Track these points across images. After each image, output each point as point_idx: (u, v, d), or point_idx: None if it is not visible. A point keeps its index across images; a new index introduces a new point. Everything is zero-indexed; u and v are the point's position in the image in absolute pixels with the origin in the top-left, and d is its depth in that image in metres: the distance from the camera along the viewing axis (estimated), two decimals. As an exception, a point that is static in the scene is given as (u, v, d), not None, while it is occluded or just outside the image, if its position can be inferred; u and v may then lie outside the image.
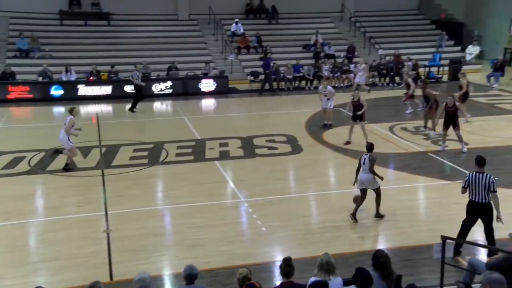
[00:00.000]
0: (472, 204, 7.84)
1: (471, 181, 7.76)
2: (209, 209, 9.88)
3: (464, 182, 7.88)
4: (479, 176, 7.73)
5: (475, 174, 7.78)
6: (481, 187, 7.67)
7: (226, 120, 17.18)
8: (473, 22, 28.00)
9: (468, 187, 7.83)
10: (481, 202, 7.72)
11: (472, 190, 7.77)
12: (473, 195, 7.78)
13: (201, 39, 24.96)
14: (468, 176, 7.85)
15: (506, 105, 18.03)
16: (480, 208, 7.77)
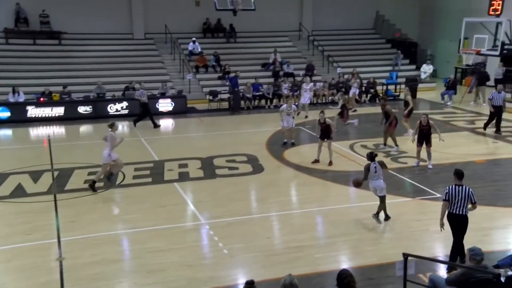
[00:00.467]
0: (452, 216, 7.99)
1: (451, 193, 7.91)
2: (169, 232, 9.60)
3: (445, 195, 8.00)
4: (459, 188, 7.92)
5: (455, 186, 7.96)
6: (461, 199, 7.87)
7: (185, 140, 16.87)
8: (426, 42, 28.92)
9: (448, 200, 7.95)
10: (460, 214, 7.91)
11: (452, 203, 7.93)
12: (453, 208, 7.94)
13: (158, 58, 24.70)
14: (448, 189, 7.98)
15: (460, 122, 18.52)
16: (458, 219, 7.94)
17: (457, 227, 7.99)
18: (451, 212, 7.99)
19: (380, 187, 9.83)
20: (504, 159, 14.03)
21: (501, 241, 9.25)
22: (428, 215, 10.28)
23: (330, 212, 10.58)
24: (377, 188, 9.86)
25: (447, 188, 8.03)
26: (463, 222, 7.99)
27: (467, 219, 8.00)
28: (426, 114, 13.52)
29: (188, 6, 25.79)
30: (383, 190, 9.86)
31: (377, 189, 9.86)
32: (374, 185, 9.89)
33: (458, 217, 7.93)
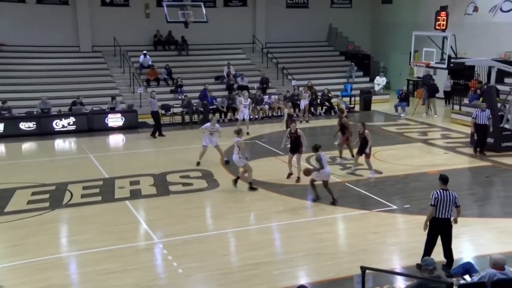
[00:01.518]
0: (437, 222, 8.17)
1: (440, 198, 8.08)
2: (121, 253, 9.21)
3: (433, 200, 8.12)
4: (446, 193, 8.15)
5: (442, 191, 8.16)
6: (448, 203, 8.10)
7: (136, 156, 16.35)
8: (378, 54, 29.56)
9: (436, 205, 8.09)
10: (446, 218, 8.15)
11: (439, 207, 8.10)
12: (439, 212, 8.11)
13: (107, 72, 24.07)
14: (436, 194, 8.14)
15: (414, 133, 18.84)
16: (444, 224, 8.18)
17: (444, 231, 8.22)
18: (438, 217, 8.14)
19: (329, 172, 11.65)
20: (455, 169, 14.29)
21: (453, 250, 9.20)
22: (385, 228, 10.31)
23: (288, 227, 10.43)
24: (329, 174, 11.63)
25: (435, 193, 8.15)
26: (448, 226, 8.23)
27: (451, 223, 8.28)
28: (362, 122, 13.81)
29: (138, 18, 25.42)
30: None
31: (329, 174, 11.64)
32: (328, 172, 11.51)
33: (445, 221, 8.17)
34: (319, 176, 11.53)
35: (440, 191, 8.19)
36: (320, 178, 11.54)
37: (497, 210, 11.47)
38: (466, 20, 23.98)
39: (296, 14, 28.57)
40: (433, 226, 8.24)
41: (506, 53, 21.70)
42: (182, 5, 20.34)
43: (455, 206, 8.22)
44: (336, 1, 29.53)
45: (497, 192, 13.09)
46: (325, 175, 11.49)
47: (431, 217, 8.21)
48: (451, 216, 8.20)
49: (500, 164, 14.71)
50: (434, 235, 8.28)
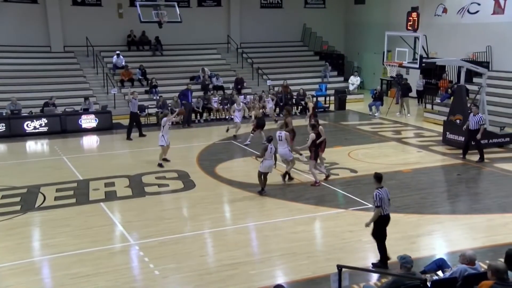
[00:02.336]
0: (386, 218, 8.47)
1: (382, 197, 8.33)
2: (95, 255, 9.08)
3: (379, 200, 8.31)
4: (384, 190, 8.43)
5: (381, 190, 8.40)
6: (387, 200, 8.42)
7: (111, 158, 16.16)
8: (352, 54, 29.86)
9: (381, 205, 8.32)
10: (389, 213, 8.48)
11: (384, 206, 8.35)
12: (384, 210, 8.36)
13: (80, 73, 23.72)
14: (379, 193, 8.35)
15: (388, 132, 19.06)
16: (388, 219, 8.51)
17: (386, 227, 8.50)
18: (385, 215, 8.41)
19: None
20: (428, 167, 14.56)
21: (427, 247, 9.51)
22: (361, 226, 10.31)
23: (264, 227, 10.45)
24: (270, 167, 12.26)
25: (378, 193, 8.34)
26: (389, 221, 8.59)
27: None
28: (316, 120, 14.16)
29: (111, 18, 25.15)
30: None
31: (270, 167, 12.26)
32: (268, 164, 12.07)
33: (388, 217, 8.50)
34: (261, 167, 12.08)
35: (380, 191, 8.38)
36: (262, 169, 12.06)
37: (468, 207, 11.72)
38: (436, 21, 24.43)
39: (270, 14, 28.64)
40: (382, 223, 8.48)
41: (474, 53, 22.21)
42: (155, 5, 20.18)
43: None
44: (309, 1, 29.71)
45: (468, 189, 13.36)
46: (265, 167, 12.03)
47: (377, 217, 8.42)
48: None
49: (471, 161, 15.02)
50: (384, 232, 8.55)
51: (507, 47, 21.18)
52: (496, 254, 8.48)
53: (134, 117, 18.15)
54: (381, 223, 8.47)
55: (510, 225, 10.43)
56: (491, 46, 21.87)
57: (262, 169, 12.07)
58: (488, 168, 14.44)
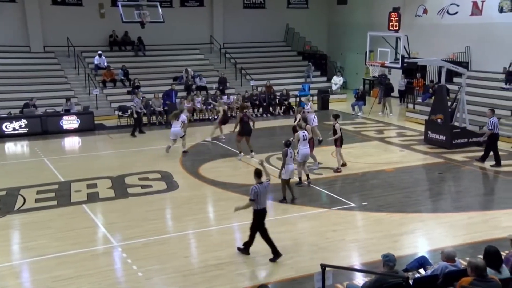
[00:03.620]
0: (263, 212, 8.93)
1: (259, 192, 8.76)
2: (78, 258, 9.01)
3: (254, 195, 8.73)
4: (263, 186, 8.86)
5: (259, 185, 8.83)
6: (265, 195, 8.94)
7: (93, 159, 15.99)
8: (335, 54, 30.03)
9: (255, 199, 8.76)
10: (265, 207, 8.99)
11: (260, 200, 8.81)
12: (261, 204, 8.86)
13: (61, 73, 23.43)
14: (256, 188, 8.76)
15: (371, 132, 19.21)
16: (265, 213, 9.00)
17: (263, 220, 8.96)
18: (262, 208, 8.89)
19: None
20: (410, 167, 14.72)
21: (409, 245, 9.61)
22: (344, 225, 10.49)
23: (248, 227, 10.38)
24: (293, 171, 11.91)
25: (254, 188, 8.74)
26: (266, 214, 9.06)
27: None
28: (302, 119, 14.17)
29: (92, 18, 24.90)
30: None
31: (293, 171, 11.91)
32: (292, 168, 11.65)
33: (264, 211, 8.98)
34: (284, 174, 11.56)
35: (258, 186, 8.79)
36: (285, 176, 11.55)
37: (449, 205, 11.87)
38: (417, 22, 24.70)
39: (253, 14, 28.65)
40: (259, 217, 8.91)
41: (454, 53, 22.53)
42: (137, 5, 20.03)
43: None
44: (292, 1, 29.79)
45: (449, 187, 13.55)
46: (289, 172, 11.57)
47: (246, 208, 8.97)
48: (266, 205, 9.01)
49: (452, 160, 15.22)
50: (261, 225, 8.97)
51: (485, 48, 21.52)
52: (476, 251, 8.59)
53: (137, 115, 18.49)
54: (258, 217, 8.89)
55: (490, 222, 10.61)
56: (470, 47, 22.21)
57: (286, 176, 11.56)
58: (468, 167, 14.64)
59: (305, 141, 12.60)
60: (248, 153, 15.43)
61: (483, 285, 5.64)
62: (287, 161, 11.48)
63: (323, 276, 6.68)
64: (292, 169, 11.72)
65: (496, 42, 20.96)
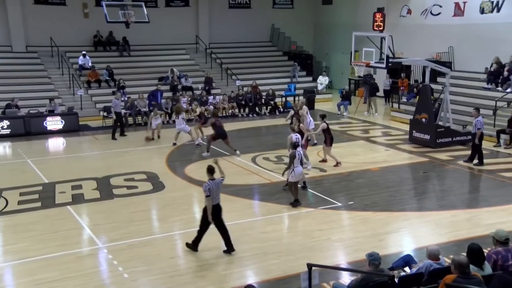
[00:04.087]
0: (217, 207, 9.04)
1: (212, 188, 8.89)
2: (63, 260, 8.91)
3: (208, 191, 8.84)
4: (215, 182, 9.02)
5: (211, 181, 8.97)
6: (217, 191, 9.03)
7: (78, 160, 15.83)
8: (321, 54, 30.14)
9: (210, 195, 8.87)
10: (219, 203, 9.07)
11: (214, 196, 8.94)
12: (215, 200, 9.00)
13: (44, 73, 23.16)
14: (208, 185, 8.90)
15: (356, 132, 19.32)
16: (219, 209, 9.10)
17: (219, 215, 9.12)
18: (216, 204, 9.02)
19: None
20: (396, 166, 14.83)
21: (395, 244, 9.69)
22: (330, 224, 10.53)
23: (234, 227, 10.37)
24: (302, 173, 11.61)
25: (207, 184, 8.87)
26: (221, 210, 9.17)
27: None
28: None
29: (76, 17, 24.68)
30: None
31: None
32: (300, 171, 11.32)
33: (218, 206, 9.09)
34: (292, 177, 11.23)
35: (211, 182, 8.94)
36: (293, 179, 11.22)
37: (433, 204, 11.98)
38: (401, 22, 24.90)
39: (239, 14, 28.63)
40: (217, 211, 9.07)
41: (437, 53, 22.76)
42: (122, 5, 19.91)
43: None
44: (278, 1, 29.83)
45: (433, 186, 13.68)
46: (298, 175, 11.27)
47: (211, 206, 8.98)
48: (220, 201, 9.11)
49: (436, 159, 15.36)
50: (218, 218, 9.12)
51: (467, 48, 21.82)
52: (460, 248, 8.70)
53: (118, 117, 18.13)
54: (213, 212, 9.00)
55: (473, 220, 10.74)
56: (453, 47, 22.46)
57: (294, 179, 11.27)
58: (452, 166, 14.79)
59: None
60: (232, 152, 15.51)
61: (466, 282, 5.70)
62: (295, 163, 11.14)
63: (309, 276, 6.70)
64: (301, 172, 11.42)
65: (478, 42, 21.24)
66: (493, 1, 20.93)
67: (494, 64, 19.91)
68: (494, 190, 12.73)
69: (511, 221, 10.16)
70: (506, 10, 20.49)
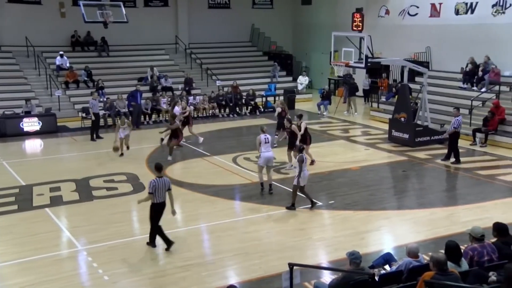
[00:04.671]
0: (160, 205, 9.18)
1: (157, 186, 9.04)
2: (40, 263, 8.78)
3: (152, 188, 9.01)
4: (162, 180, 9.14)
5: (158, 179, 9.13)
6: (163, 190, 9.13)
7: (56, 161, 15.62)
8: (300, 54, 30.24)
9: (153, 192, 9.03)
10: (164, 201, 9.21)
11: (157, 194, 9.06)
12: (159, 198, 9.11)
13: (20, 74, 22.75)
14: (154, 182, 9.06)
15: (336, 131, 19.44)
16: (163, 207, 9.22)
17: (161, 213, 9.22)
18: (159, 202, 9.15)
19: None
20: (375, 165, 14.96)
21: (375, 242, 9.78)
22: (311, 224, 10.58)
23: (216, 227, 10.43)
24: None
25: (153, 181, 9.04)
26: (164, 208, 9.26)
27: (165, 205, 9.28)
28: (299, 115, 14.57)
29: (52, 17, 24.33)
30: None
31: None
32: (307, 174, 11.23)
33: (162, 204, 9.18)
34: (302, 180, 11.04)
35: (156, 180, 9.11)
36: (302, 182, 11.06)
37: (413, 202, 12.13)
38: (380, 22, 25.14)
39: (218, 14, 28.56)
40: (157, 210, 9.17)
41: (415, 53, 23.06)
42: (100, 4, 19.69)
43: (168, 189, 9.22)
44: (257, 1, 29.86)
45: (412, 185, 13.85)
46: (305, 178, 11.10)
47: (147, 201, 9.20)
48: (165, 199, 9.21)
49: (415, 158, 15.55)
50: (158, 218, 9.25)
51: (444, 48, 22.13)
52: (438, 246, 8.81)
53: (96, 117, 17.99)
54: (156, 210, 9.16)
55: (450, 217, 10.90)
56: (430, 47, 22.77)
57: (303, 182, 11.09)
58: (430, 164, 15.00)
59: (267, 143, 12.18)
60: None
61: (444, 278, 5.79)
62: (303, 167, 10.98)
63: (291, 275, 6.73)
64: (307, 176, 11.23)
65: (454, 43, 21.58)
66: (467, 2, 21.30)
67: (469, 64, 20.26)
68: (471, 188, 12.95)
69: (486, 218, 10.33)
70: (479, 12, 20.87)
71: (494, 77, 19.02)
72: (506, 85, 18.83)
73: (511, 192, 12.64)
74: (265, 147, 12.14)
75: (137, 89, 20.89)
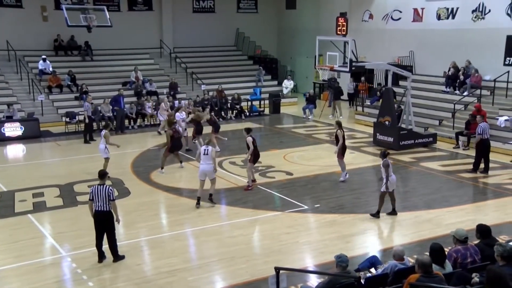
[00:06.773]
0: (97, 214, 8.87)
1: (94, 193, 8.78)
2: (22, 270, 8.68)
3: (90, 195, 8.85)
4: (100, 187, 8.84)
5: (98, 186, 8.88)
6: (103, 197, 8.78)
7: (39, 167, 15.45)
8: (285, 58, 30.32)
9: (92, 199, 8.82)
10: (104, 210, 8.82)
11: (96, 201, 8.79)
12: (99, 206, 8.81)
13: (1, 78, 22.49)
14: (92, 188, 8.87)
15: (321, 135, 19.53)
16: (103, 216, 8.84)
17: (104, 224, 8.88)
18: (96, 210, 8.85)
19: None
20: (360, 168, 15.05)
21: (361, 245, 9.83)
22: (297, 228, 10.59)
23: (201, 232, 10.40)
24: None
25: (93, 188, 8.85)
26: (108, 218, 8.89)
27: (112, 215, 8.92)
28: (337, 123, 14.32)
29: (34, 21, 24.06)
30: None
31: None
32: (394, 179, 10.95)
33: (102, 214, 8.83)
34: (389, 186, 10.88)
35: (95, 187, 8.90)
36: (391, 187, 10.91)
37: (397, 205, 12.08)
38: (363, 26, 25.34)
39: (203, 18, 28.52)
40: (94, 219, 8.93)
41: (399, 57, 23.29)
42: (83, 8, 19.57)
43: (111, 200, 8.85)
44: (242, 6, 29.90)
45: (397, 188, 13.82)
46: (393, 183, 10.95)
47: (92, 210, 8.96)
48: (109, 208, 8.83)
49: (399, 161, 15.67)
50: (97, 228, 8.95)
51: (426, 52, 22.40)
52: (423, 248, 8.90)
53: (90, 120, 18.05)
54: (94, 219, 8.94)
55: (434, 220, 11.00)
56: (413, 51, 23.03)
57: (392, 187, 10.91)
58: (414, 167, 15.13)
59: (205, 155, 11.56)
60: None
61: (429, 281, 5.84)
62: (389, 172, 10.84)
63: (277, 279, 6.71)
64: (395, 180, 11.08)
65: (436, 47, 21.85)
66: (448, 8, 21.60)
67: (452, 68, 20.53)
68: (454, 190, 13.09)
69: (470, 220, 10.46)
70: (460, 17, 21.18)
71: (475, 82, 19.29)
72: (487, 89, 19.10)
73: (493, 194, 12.82)
74: (204, 159, 11.58)
75: (120, 94, 20.75)
